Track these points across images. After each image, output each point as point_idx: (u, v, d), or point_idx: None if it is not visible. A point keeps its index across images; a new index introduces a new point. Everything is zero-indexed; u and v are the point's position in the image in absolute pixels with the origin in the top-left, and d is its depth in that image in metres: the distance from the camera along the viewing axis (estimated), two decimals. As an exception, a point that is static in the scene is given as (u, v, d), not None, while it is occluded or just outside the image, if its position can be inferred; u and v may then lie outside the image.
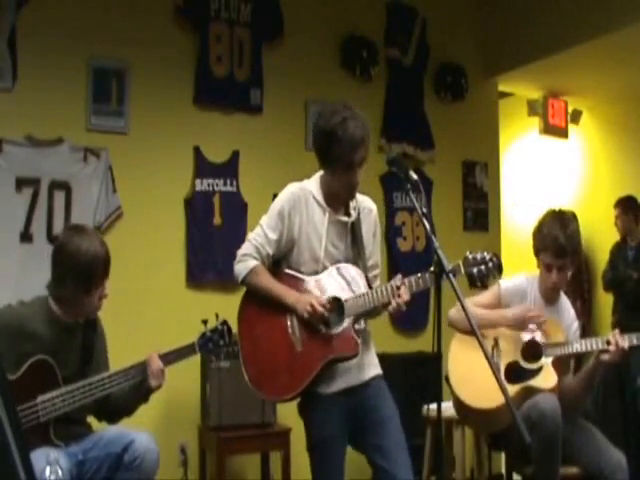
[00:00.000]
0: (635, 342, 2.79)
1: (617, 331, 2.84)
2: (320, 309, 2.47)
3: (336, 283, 2.56)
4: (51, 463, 2.11)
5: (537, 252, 3.07)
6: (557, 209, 3.15)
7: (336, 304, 2.53)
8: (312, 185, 2.63)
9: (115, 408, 2.69)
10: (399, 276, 2.52)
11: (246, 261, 2.60)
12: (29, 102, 3.90)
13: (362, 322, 2.57)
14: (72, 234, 2.58)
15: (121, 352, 2.94)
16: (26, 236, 3.83)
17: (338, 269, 2.58)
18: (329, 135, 2.46)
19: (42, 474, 2.09)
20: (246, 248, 2.62)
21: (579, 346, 2.88)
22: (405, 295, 2.46)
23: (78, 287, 2.51)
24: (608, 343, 2.80)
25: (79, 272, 2.48)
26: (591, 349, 2.87)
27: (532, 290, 3.10)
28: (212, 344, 2.69)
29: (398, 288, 2.47)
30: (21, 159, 3.84)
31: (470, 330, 2.70)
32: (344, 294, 2.54)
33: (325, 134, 2.49)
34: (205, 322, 2.73)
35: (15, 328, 2.49)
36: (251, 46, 4.54)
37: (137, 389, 2.63)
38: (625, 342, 2.79)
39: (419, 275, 2.49)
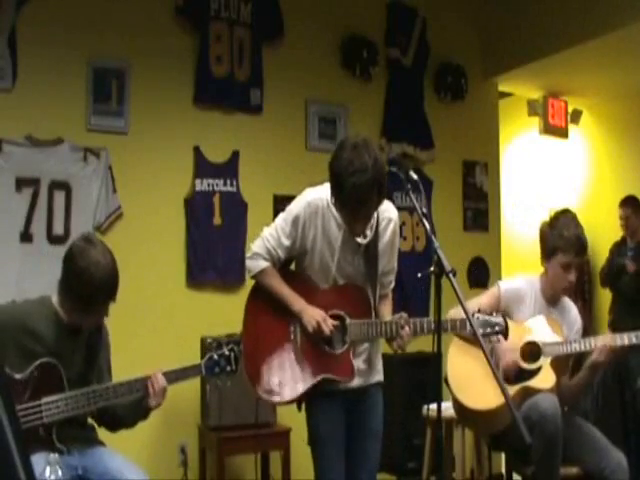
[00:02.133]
0: (627, 342, 2.81)
1: (608, 333, 2.87)
2: (326, 330, 2.49)
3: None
4: (51, 463, 2.11)
5: (553, 253, 3.00)
6: (565, 210, 3.15)
7: (340, 324, 2.54)
8: (329, 194, 2.50)
9: (113, 418, 2.67)
10: (404, 316, 2.52)
11: (257, 260, 2.60)
12: (29, 102, 3.90)
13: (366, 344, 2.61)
14: (86, 250, 2.47)
15: (121, 352, 2.95)
16: (26, 236, 3.83)
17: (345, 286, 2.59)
18: (338, 183, 2.37)
19: (42, 474, 2.09)
20: (259, 247, 2.61)
21: (577, 345, 2.89)
22: (407, 337, 2.47)
23: (77, 306, 2.50)
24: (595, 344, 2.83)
25: (81, 295, 2.46)
26: (589, 348, 2.87)
27: (532, 292, 3.09)
28: (219, 369, 2.67)
29: (402, 328, 2.48)
30: (21, 159, 3.84)
31: (465, 333, 2.73)
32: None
33: (335, 178, 2.39)
34: (212, 344, 2.72)
35: (17, 324, 2.49)
36: (251, 46, 4.54)
37: (137, 405, 2.61)
38: (617, 341, 2.80)
39: (424, 319, 2.50)
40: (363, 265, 2.59)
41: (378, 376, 2.69)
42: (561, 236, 2.97)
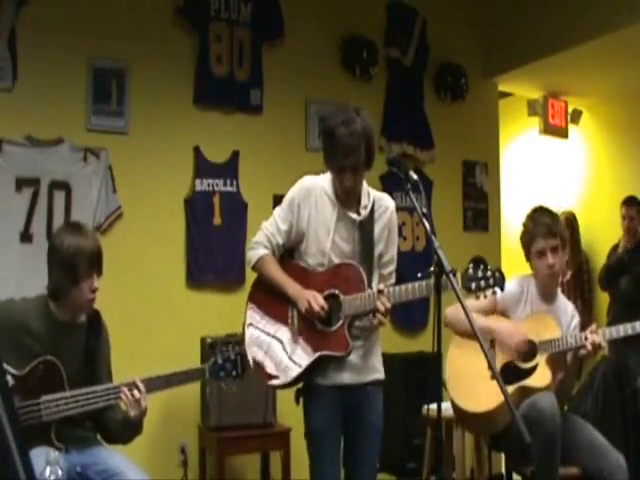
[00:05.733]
0: (608, 336, 2.81)
1: (594, 326, 2.86)
2: (316, 308, 2.52)
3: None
4: (51, 463, 2.11)
5: (529, 246, 3.09)
6: (536, 206, 3.23)
7: (334, 302, 2.56)
8: (325, 180, 2.67)
9: (106, 432, 2.64)
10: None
11: (257, 249, 2.68)
12: (29, 102, 3.91)
13: (364, 319, 2.58)
14: (62, 230, 2.65)
15: (121, 352, 2.95)
16: (26, 236, 3.84)
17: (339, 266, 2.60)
18: (326, 136, 2.55)
19: (42, 474, 2.09)
20: (258, 236, 2.70)
21: (572, 341, 2.89)
22: (381, 306, 2.47)
23: (65, 278, 2.51)
24: (585, 339, 2.83)
25: (63, 263, 2.51)
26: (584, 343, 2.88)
27: (528, 290, 3.11)
28: (224, 373, 2.63)
29: (380, 292, 2.48)
30: (21, 159, 3.84)
31: (466, 331, 2.73)
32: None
33: (324, 134, 2.57)
34: (218, 349, 2.68)
35: (14, 321, 2.51)
36: (251, 46, 4.54)
37: (127, 419, 2.55)
38: (601, 337, 2.81)
39: (415, 284, 2.49)
40: (359, 244, 2.62)
41: (376, 374, 2.68)
42: (531, 228, 3.09)
